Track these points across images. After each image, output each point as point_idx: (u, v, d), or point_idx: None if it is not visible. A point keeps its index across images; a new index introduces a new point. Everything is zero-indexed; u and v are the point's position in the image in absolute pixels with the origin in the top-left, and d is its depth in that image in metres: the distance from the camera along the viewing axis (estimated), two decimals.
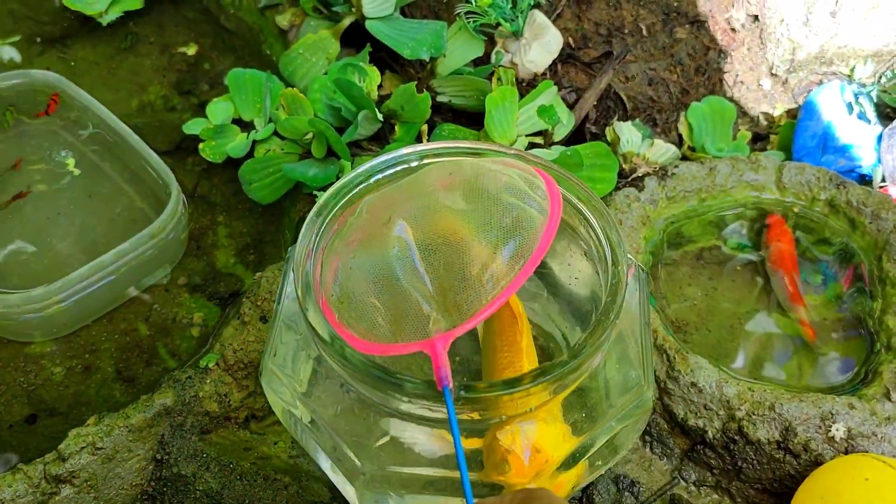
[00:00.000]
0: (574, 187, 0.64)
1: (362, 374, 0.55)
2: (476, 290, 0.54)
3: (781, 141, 1.05)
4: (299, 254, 0.61)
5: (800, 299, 0.85)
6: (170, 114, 1.05)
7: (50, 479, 0.70)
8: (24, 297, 0.80)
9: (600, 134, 0.99)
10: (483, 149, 0.67)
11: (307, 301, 0.59)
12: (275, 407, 0.66)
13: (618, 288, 0.59)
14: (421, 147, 0.67)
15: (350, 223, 0.63)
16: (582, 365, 0.57)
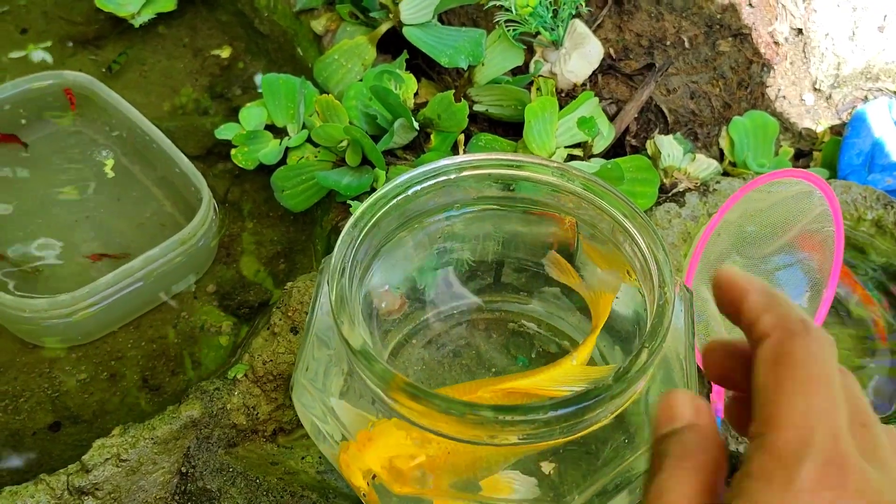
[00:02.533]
0: (618, 202, 0.62)
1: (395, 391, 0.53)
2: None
3: (825, 158, 1.02)
4: (335, 266, 0.59)
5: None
6: (202, 118, 1.04)
7: (73, 490, 0.68)
8: (51, 301, 0.79)
9: (640, 147, 0.97)
10: (523, 161, 0.65)
11: (342, 315, 0.57)
12: (305, 423, 0.64)
13: (665, 309, 0.57)
14: (460, 159, 0.65)
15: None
16: (627, 389, 0.54)
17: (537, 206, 0.68)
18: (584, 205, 0.65)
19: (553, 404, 0.50)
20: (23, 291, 0.85)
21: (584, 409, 0.51)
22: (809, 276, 0.79)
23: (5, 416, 0.79)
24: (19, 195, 0.93)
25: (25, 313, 0.79)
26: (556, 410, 0.50)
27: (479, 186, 0.68)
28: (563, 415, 0.50)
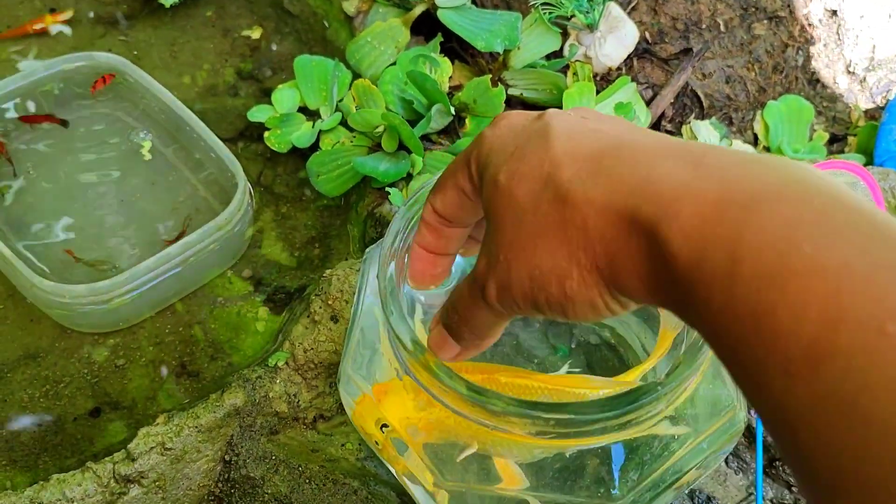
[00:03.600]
0: None
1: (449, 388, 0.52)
2: None
3: (860, 143, 1.01)
4: (384, 258, 0.59)
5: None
6: (233, 99, 1.03)
7: (119, 478, 0.69)
8: (90, 288, 0.78)
9: (676, 132, 0.96)
10: None
11: (391, 306, 0.57)
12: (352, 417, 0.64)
13: None
14: None
15: None
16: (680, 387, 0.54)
17: None
18: None
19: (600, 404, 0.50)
20: (58, 276, 0.85)
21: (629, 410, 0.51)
22: None
23: (46, 402, 0.79)
24: (53, 177, 0.93)
25: (65, 299, 0.79)
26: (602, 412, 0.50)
27: None
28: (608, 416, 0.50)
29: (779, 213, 0.28)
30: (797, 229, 0.27)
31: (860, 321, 0.24)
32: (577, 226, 0.34)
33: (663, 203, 0.31)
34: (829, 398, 0.24)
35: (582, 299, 0.36)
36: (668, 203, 0.31)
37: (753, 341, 0.27)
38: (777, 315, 0.26)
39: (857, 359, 0.24)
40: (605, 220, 0.33)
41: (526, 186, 0.37)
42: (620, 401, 0.50)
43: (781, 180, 0.29)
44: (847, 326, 0.24)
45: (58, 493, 0.67)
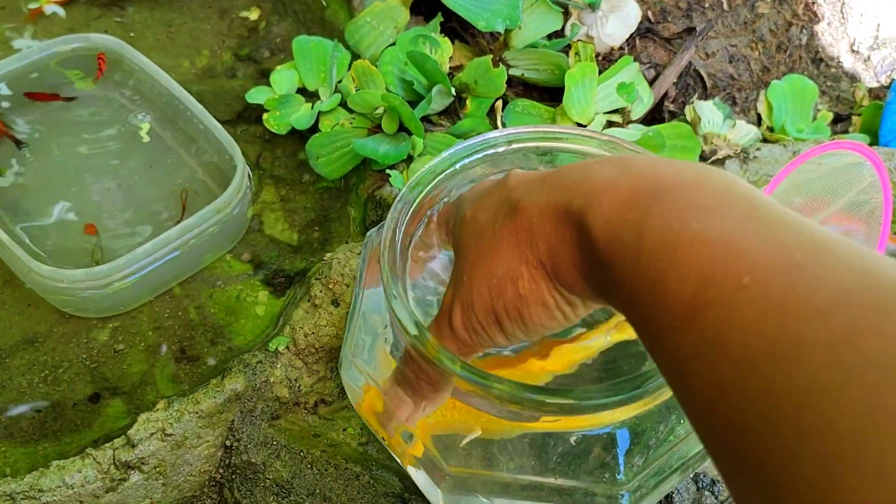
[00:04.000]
0: None
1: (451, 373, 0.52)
2: None
3: (864, 123, 1.01)
4: (384, 243, 0.58)
5: None
6: (231, 81, 1.02)
7: (119, 464, 0.68)
8: (88, 272, 0.78)
9: (678, 112, 0.95)
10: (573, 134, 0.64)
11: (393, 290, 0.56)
12: (352, 399, 0.63)
13: None
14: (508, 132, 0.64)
15: None
16: None
17: None
18: None
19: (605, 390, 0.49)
20: (56, 261, 0.84)
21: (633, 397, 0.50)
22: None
23: (45, 387, 0.79)
24: (50, 161, 0.92)
25: (63, 284, 0.78)
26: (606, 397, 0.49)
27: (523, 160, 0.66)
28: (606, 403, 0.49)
29: (678, 199, 0.33)
30: (689, 211, 0.32)
31: (726, 278, 0.29)
32: (524, 227, 0.40)
33: (591, 195, 0.36)
34: (703, 344, 0.29)
35: (534, 298, 0.41)
36: (594, 195, 0.36)
37: (652, 305, 0.32)
38: (667, 280, 0.31)
39: (720, 309, 0.28)
40: (546, 216, 0.38)
41: (487, 211, 0.43)
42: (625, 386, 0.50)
43: (686, 175, 0.34)
44: (715, 283, 0.29)
45: (57, 480, 0.67)
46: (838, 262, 0.28)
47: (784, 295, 0.27)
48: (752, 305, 0.28)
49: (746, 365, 0.27)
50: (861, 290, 0.26)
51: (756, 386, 0.26)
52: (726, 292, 0.28)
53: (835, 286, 0.27)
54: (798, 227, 0.30)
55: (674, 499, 0.75)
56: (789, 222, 0.31)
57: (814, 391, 0.24)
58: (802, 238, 0.29)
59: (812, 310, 0.26)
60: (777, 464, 0.25)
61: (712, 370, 0.28)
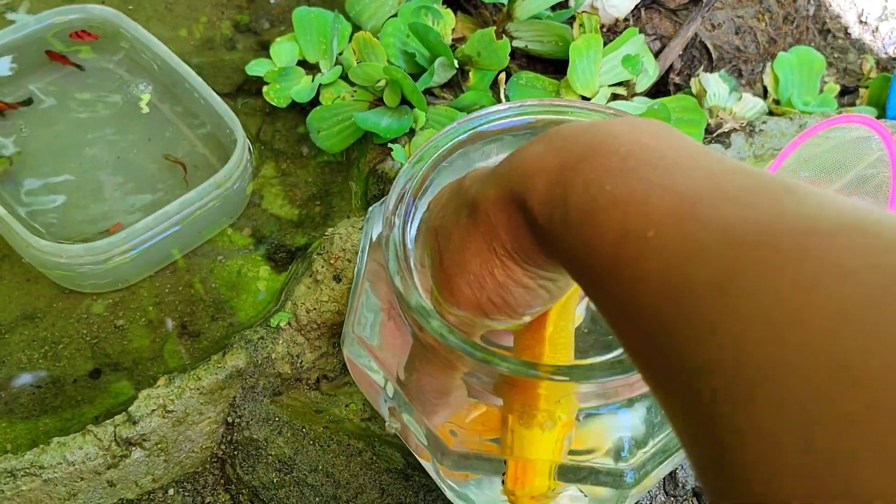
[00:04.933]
0: None
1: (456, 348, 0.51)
2: None
3: (872, 96, 0.99)
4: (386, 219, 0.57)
5: None
6: (230, 53, 1.01)
7: (120, 441, 0.68)
8: (88, 247, 0.77)
9: (684, 85, 0.94)
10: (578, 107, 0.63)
11: (396, 267, 0.55)
12: (354, 375, 0.63)
13: None
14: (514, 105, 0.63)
15: None
16: None
17: None
18: None
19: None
20: (54, 235, 0.84)
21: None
22: None
23: (45, 363, 0.78)
24: (47, 134, 0.91)
25: (62, 259, 0.77)
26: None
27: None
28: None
29: (593, 167, 0.34)
30: (604, 176, 0.33)
31: (636, 234, 0.30)
32: (485, 222, 0.41)
33: (526, 179, 0.37)
34: (625, 301, 0.31)
35: (513, 283, 0.42)
36: (528, 178, 0.37)
37: (587, 271, 0.34)
38: (592, 245, 0.33)
39: (633, 265, 0.30)
40: (498, 207, 0.40)
41: (451, 216, 0.44)
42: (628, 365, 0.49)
43: (600, 139, 0.36)
44: (628, 240, 0.31)
45: (58, 457, 0.66)
46: (730, 201, 0.29)
47: (681, 241, 0.29)
48: (657, 256, 0.29)
49: (654, 312, 0.29)
50: (745, 225, 0.27)
51: (663, 329, 0.28)
52: (636, 248, 0.30)
53: (720, 227, 0.28)
54: (700, 169, 0.32)
55: (677, 475, 0.74)
56: (691, 165, 0.32)
57: (702, 329, 0.26)
58: (701, 180, 0.31)
59: (702, 253, 0.28)
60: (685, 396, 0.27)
61: (634, 324, 0.30)
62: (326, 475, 0.71)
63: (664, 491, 0.75)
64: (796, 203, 0.28)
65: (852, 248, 0.24)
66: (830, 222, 0.26)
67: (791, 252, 0.25)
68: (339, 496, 0.71)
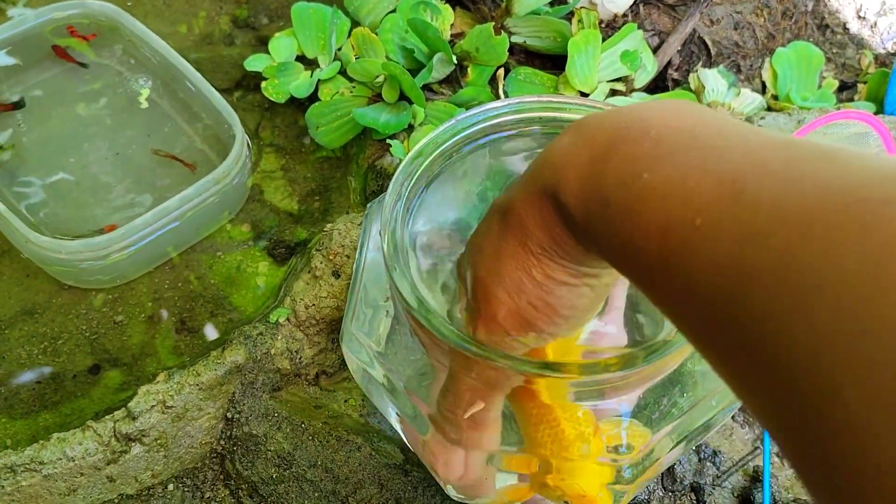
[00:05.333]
0: None
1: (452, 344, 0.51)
2: None
3: (871, 91, 0.99)
4: (386, 213, 0.57)
5: None
6: (229, 48, 1.01)
7: (120, 437, 0.68)
8: (87, 243, 0.77)
9: (682, 80, 0.94)
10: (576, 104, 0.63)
11: (395, 262, 0.55)
12: (353, 369, 0.63)
13: None
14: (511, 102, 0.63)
15: None
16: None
17: None
18: None
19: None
20: (53, 231, 0.84)
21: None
22: None
23: (45, 358, 0.78)
24: (46, 129, 0.91)
25: (61, 255, 0.77)
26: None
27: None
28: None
29: (624, 155, 0.33)
30: (637, 163, 0.32)
31: (682, 224, 0.29)
32: (517, 224, 0.40)
33: (557, 173, 0.36)
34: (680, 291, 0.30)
35: (554, 281, 0.40)
36: (559, 172, 0.36)
37: (632, 265, 0.33)
38: (635, 239, 0.32)
39: (683, 255, 0.29)
40: (530, 205, 0.39)
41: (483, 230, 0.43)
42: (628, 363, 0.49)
43: (627, 125, 0.35)
44: (674, 231, 0.30)
45: (58, 453, 0.66)
46: (773, 177, 0.28)
47: (730, 225, 0.28)
48: (707, 244, 0.28)
49: (711, 303, 0.28)
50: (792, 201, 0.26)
51: (730, 321, 0.27)
52: (684, 237, 0.29)
53: (769, 204, 0.27)
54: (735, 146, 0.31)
55: (676, 470, 0.75)
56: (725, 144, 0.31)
57: (773, 317, 0.25)
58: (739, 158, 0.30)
59: (755, 234, 0.27)
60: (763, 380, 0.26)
61: (693, 313, 0.29)
62: (325, 470, 0.71)
63: (662, 486, 0.75)
64: (841, 171, 0.26)
65: None
66: (883, 189, 0.25)
67: (850, 226, 0.24)
68: (337, 491, 0.71)
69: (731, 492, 0.74)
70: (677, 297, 0.30)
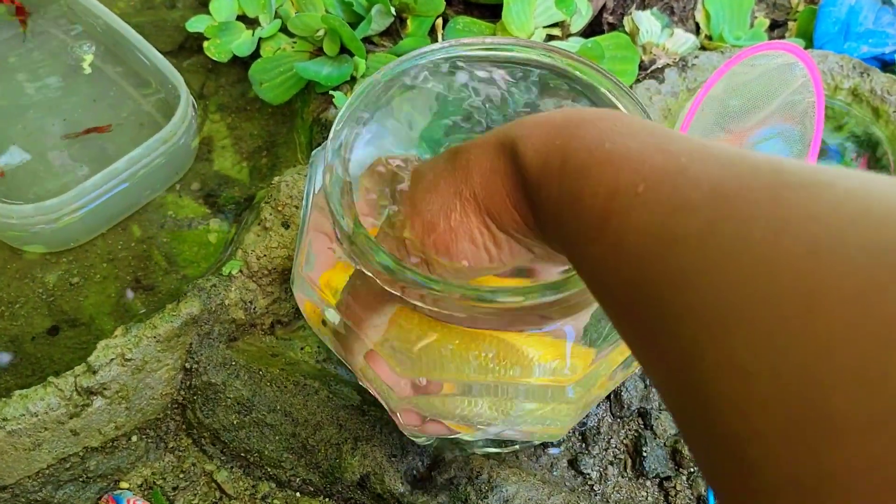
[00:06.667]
0: (605, 80, 0.62)
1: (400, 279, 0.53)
2: None
3: (800, 28, 1.02)
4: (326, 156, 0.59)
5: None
6: (170, 11, 1.01)
7: (81, 391, 0.70)
8: (37, 207, 0.78)
9: (617, 24, 0.96)
10: (512, 44, 0.65)
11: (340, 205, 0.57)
12: (306, 313, 0.65)
13: None
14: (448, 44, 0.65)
15: None
16: None
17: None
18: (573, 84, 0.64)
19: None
20: (3, 197, 0.84)
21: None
22: (791, 147, 0.80)
23: (2, 323, 0.79)
24: None
25: (13, 220, 0.78)
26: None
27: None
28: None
29: (596, 127, 0.36)
30: (605, 135, 0.35)
31: (627, 189, 0.32)
32: (462, 165, 0.43)
33: (523, 129, 0.39)
34: (609, 249, 0.32)
35: (463, 231, 0.43)
36: (526, 128, 0.39)
37: (572, 221, 0.35)
38: (583, 196, 0.34)
39: (621, 216, 0.31)
40: (482, 152, 0.42)
41: (430, 163, 0.47)
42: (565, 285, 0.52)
43: (605, 113, 0.38)
44: (619, 194, 0.32)
45: (21, 409, 0.68)
46: (715, 161, 0.30)
47: (669, 196, 0.30)
48: (644, 209, 0.30)
49: (639, 262, 0.30)
50: (726, 181, 0.29)
51: (647, 278, 0.29)
52: (626, 201, 0.31)
53: (707, 183, 0.29)
54: (689, 140, 0.33)
55: (622, 396, 0.78)
56: (682, 137, 0.34)
57: (687, 275, 0.27)
58: (689, 146, 0.32)
59: (689, 205, 0.29)
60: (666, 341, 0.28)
61: (616, 272, 0.31)
62: (285, 414, 0.73)
63: (611, 413, 0.78)
64: (774, 164, 0.29)
65: (818, 197, 0.26)
66: (801, 178, 0.27)
67: (765, 203, 0.27)
68: (297, 433, 0.73)
69: None
70: (607, 254, 0.32)
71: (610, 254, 0.32)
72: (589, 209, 0.33)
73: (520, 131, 0.40)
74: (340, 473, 0.72)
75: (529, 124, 0.40)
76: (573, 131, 0.37)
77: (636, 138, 0.34)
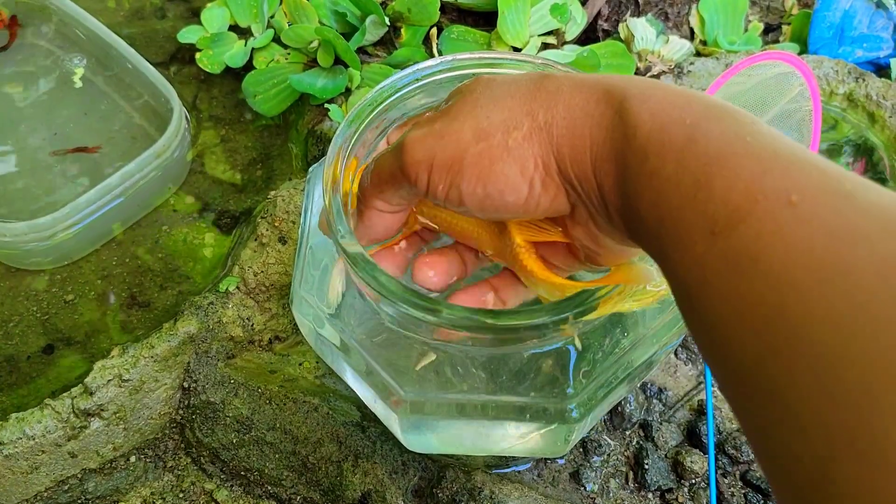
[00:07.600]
0: None
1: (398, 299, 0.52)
2: None
3: (795, 32, 1.02)
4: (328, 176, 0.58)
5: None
6: (161, 22, 1.00)
7: (78, 413, 0.69)
8: (31, 225, 0.77)
9: (612, 31, 0.96)
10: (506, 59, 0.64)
11: (339, 224, 0.56)
12: (304, 332, 0.64)
13: None
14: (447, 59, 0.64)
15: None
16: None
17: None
18: None
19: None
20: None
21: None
22: None
23: None
24: None
25: (6, 237, 0.78)
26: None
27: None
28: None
29: (732, 116, 0.33)
30: (743, 127, 0.32)
31: (775, 194, 0.28)
32: (549, 90, 0.38)
33: (637, 88, 0.35)
34: (740, 255, 0.28)
35: (518, 154, 0.38)
36: (640, 90, 0.35)
37: (689, 206, 0.31)
38: (713, 185, 0.30)
39: (766, 222, 0.28)
40: (579, 90, 0.37)
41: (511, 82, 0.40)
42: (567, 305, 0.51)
43: (726, 102, 0.34)
44: (765, 197, 0.29)
45: (18, 432, 0.67)
46: (882, 195, 0.28)
47: (832, 219, 0.27)
48: (800, 225, 0.27)
49: (786, 283, 0.26)
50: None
51: (793, 306, 0.26)
52: (774, 207, 0.28)
53: (880, 215, 0.26)
54: (834, 164, 0.31)
55: (624, 408, 0.77)
56: (827, 160, 0.31)
57: (860, 318, 0.24)
58: (842, 170, 0.29)
59: (861, 236, 0.26)
60: (802, 396, 0.25)
61: (745, 283, 0.28)
62: (284, 432, 0.73)
63: (612, 425, 0.78)
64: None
65: None
66: None
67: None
68: (297, 451, 0.73)
69: (677, 425, 0.77)
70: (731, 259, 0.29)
71: (740, 260, 0.28)
72: (719, 201, 0.30)
73: (632, 88, 0.35)
74: (342, 491, 0.72)
75: (643, 85, 0.36)
76: (704, 110, 0.33)
77: (780, 141, 0.31)
